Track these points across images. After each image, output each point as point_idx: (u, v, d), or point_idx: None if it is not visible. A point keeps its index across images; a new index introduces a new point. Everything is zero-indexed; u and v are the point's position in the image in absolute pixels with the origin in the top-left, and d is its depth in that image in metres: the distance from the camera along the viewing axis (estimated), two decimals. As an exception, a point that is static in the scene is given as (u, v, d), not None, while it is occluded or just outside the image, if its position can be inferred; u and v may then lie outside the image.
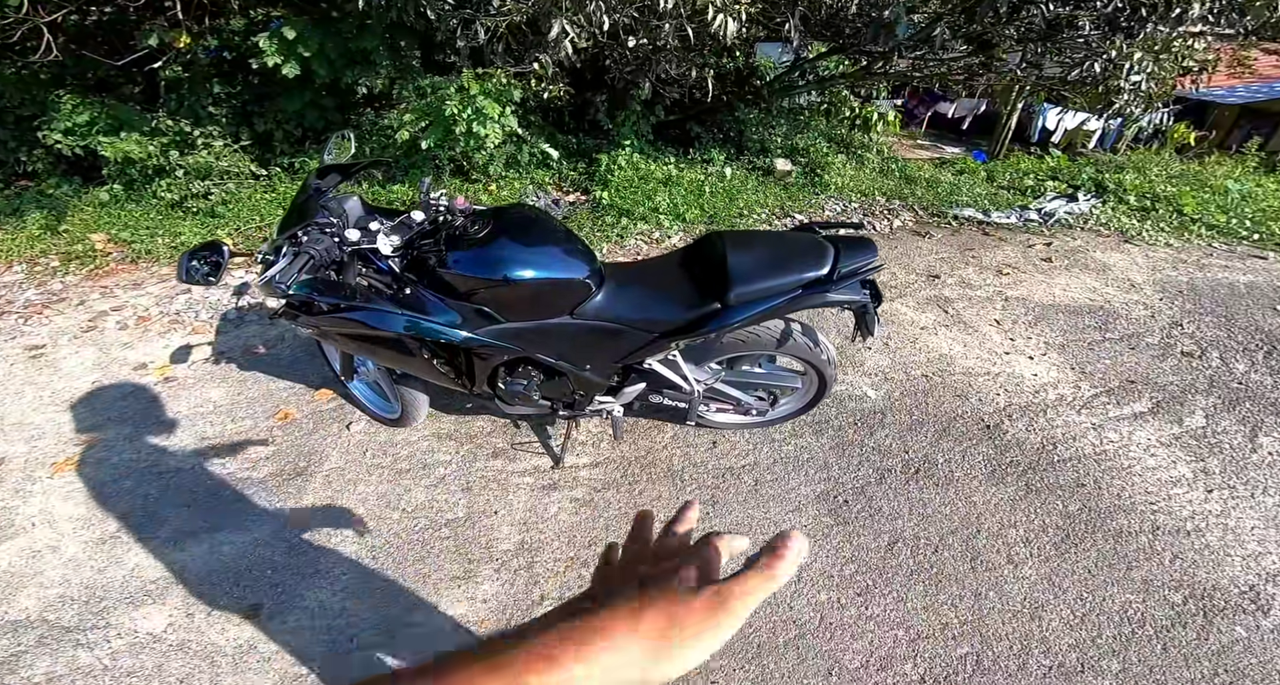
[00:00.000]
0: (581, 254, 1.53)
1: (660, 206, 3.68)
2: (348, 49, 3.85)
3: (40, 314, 3.10)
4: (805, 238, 1.62)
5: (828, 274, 1.51)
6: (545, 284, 1.46)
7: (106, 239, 3.99)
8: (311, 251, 1.26)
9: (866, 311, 1.60)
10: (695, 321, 1.55)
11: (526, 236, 1.47)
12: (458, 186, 4.16)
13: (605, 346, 1.62)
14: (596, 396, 1.88)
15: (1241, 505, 2.12)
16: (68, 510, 1.91)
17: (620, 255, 3.50)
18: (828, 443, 2.37)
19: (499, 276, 1.41)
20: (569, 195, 4.22)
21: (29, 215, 4.25)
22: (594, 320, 1.55)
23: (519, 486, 2.09)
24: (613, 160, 4.04)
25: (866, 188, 4.43)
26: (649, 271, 1.67)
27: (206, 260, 1.25)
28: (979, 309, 3.29)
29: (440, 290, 1.46)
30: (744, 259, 1.52)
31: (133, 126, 4.11)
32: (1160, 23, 3.18)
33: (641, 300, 1.57)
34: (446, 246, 1.43)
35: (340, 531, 1.90)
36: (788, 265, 1.51)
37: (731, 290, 1.49)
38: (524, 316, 1.52)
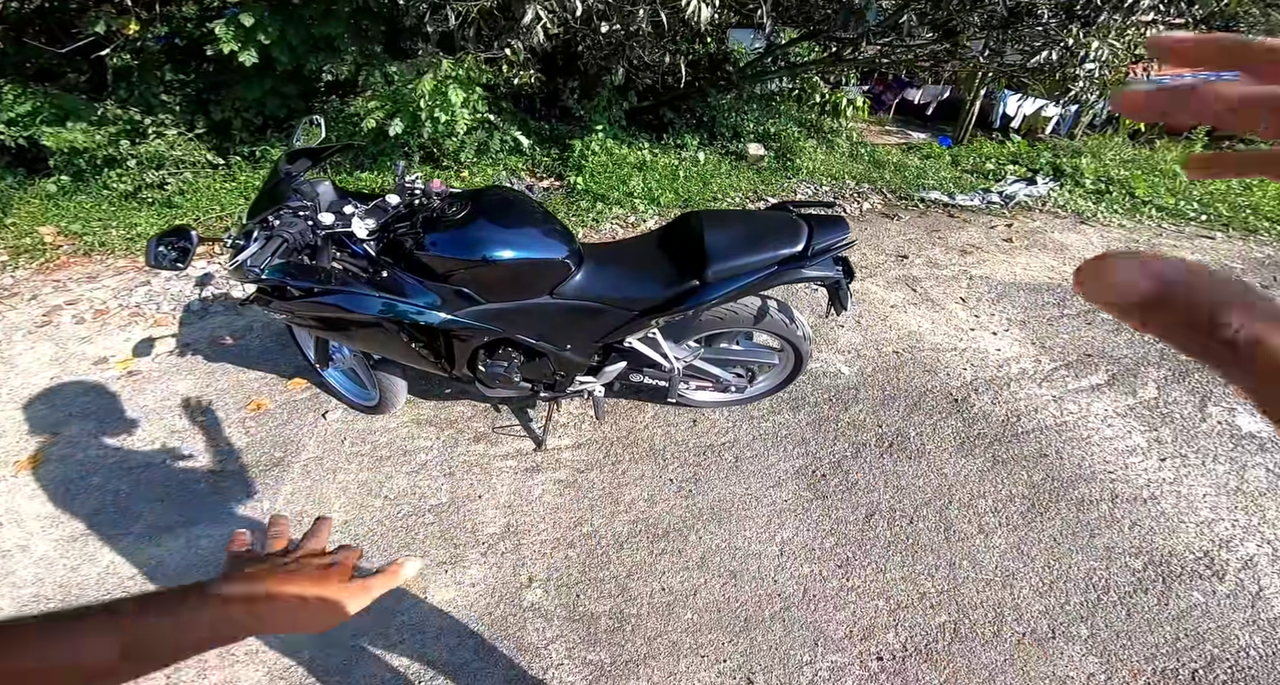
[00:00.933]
0: (560, 234, 1.54)
1: (635, 191, 3.68)
2: (310, 35, 3.73)
3: (-11, 309, 2.96)
4: (780, 216, 1.66)
5: (802, 251, 1.55)
6: (524, 264, 1.46)
7: (56, 232, 3.82)
8: (285, 235, 1.24)
9: (840, 287, 1.64)
10: (674, 299, 1.58)
11: (505, 217, 1.47)
12: (429, 174, 4.08)
13: (585, 326, 1.64)
14: (577, 377, 1.89)
15: (1193, 473, 2.22)
16: (35, 509, 1.84)
17: (596, 238, 3.50)
18: (804, 419, 2.43)
19: (478, 257, 1.40)
20: (543, 181, 4.18)
21: (-39, 209, 4.03)
22: (574, 299, 1.56)
23: (502, 470, 2.10)
24: (586, 146, 4.01)
25: (837, 171, 4.50)
26: (627, 251, 1.69)
27: (174, 245, 1.22)
28: (945, 287, 3.39)
29: (418, 273, 1.45)
30: (720, 237, 1.55)
31: (79, 116, 3.92)
32: (1114, 12, 3.29)
33: (621, 279, 1.59)
34: (424, 229, 1.42)
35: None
36: (763, 242, 1.55)
37: (709, 267, 1.52)
38: (504, 297, 1.52)
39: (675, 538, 1.90)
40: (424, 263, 1.43)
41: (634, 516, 1.98)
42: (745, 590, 1.76)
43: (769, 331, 1.88)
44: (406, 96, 3.62)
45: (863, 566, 1.84)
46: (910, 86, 7.52)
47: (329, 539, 0.58)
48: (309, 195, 1.36)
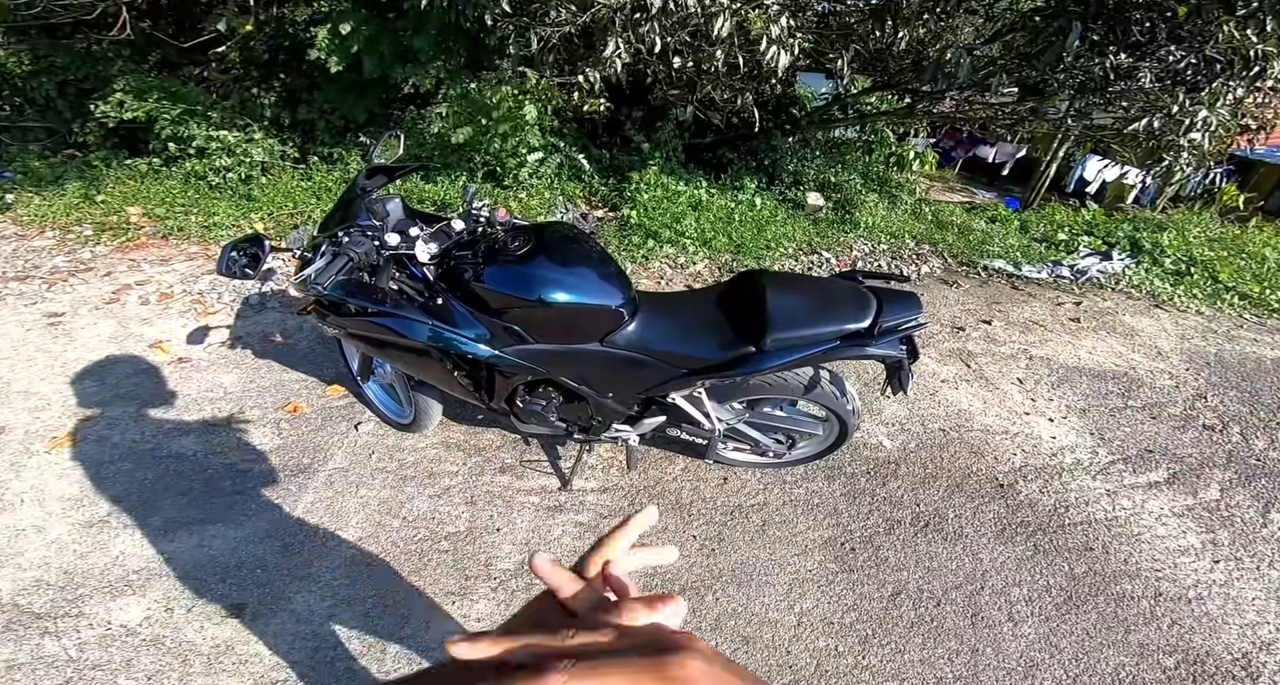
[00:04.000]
0: (618, 281, 1.50)
1: (687, 231, 3.66)
2: (400, 46, 3.90)
3: (65, 281, 3.12)
4: (848, 287, 1.58)
5: (869, 327, 1.47)
6: (579, 309, 1.42)
7: (142, 213, 4.04)
8: (351, 253, 1.24)
9: (901, 367, 1.55)
10: (727, 362, 1.51)
11: (565, 258, 1.44)
12: (488, 191, 4.17)
13: (631, 376, 1.59)
14: (614, 424, 1.84)
15: (1246, 576, 2.10)
16: (60, 489, 1.88)
17: (644, 277, 3.47)
18: (839, 489, 2.32)
19: (534, 297, 1.38)
20: (597, 210, 4.21)
21: (69, 184, 4.32)
22: (623, 350, 1.51)
23: (524, 506, 2.04)
24: (643, 178, 4.03)
25: (897, 229, 4.39)
26: (685, 305, 1.64)
27: (246, 252, 1.24)
28: (1002, 366, 3.22)
29: (472, 304, 1.43)
30: (784, 303, 1.48)
31: (186, 105, 4.17)
32: (1233, 80, 3.10)
33: (674, 334, 1.54)
34: (484, 260, 1.40)
35: (337, 534, 1.86)
36: (828, 314, 1.48)
37: (768, 335, 1.45)
38: (553, 339, 1.49)
39: (692, 596, 1.83)
40: (479, 294, 1.41)
41: (652, 569, 1.90)
42: (756, 658, 1.68)
43: (817, 401, 1.79)
44: (480, 104, 3.71)
45: (881, 645, 1.75)
46: (984, 143, 7.37)
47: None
48: (379, 214, 1.37)
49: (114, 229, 3.80)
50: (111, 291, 3.02)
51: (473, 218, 1.51)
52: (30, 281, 3.10)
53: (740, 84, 4.11)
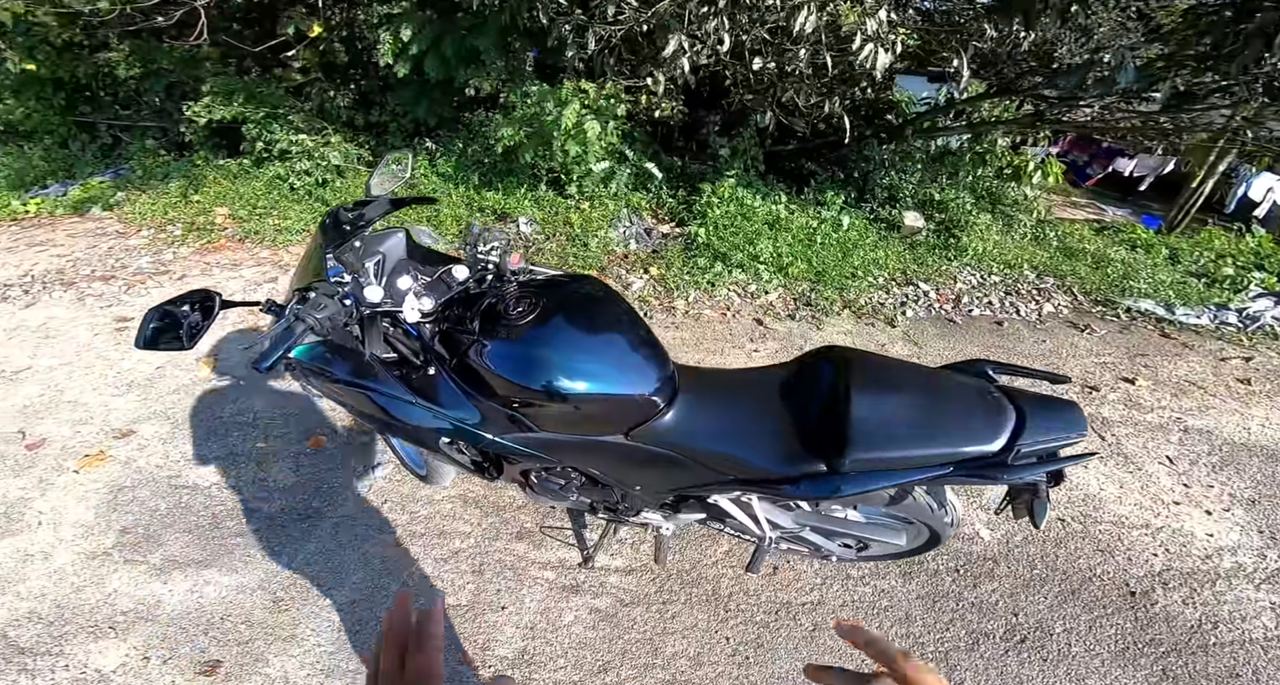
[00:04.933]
0: (651, 360, 1.18)
1: (762, 255, 3.26)
2: (462, 47, 3.79)
3: (143, 284, 3.24)
4: (971, 387, 1.14)
5: (1001, 450, 1.05)
6: (598, 400, 1.12)
7: (227, 214, 4.19)
8: (308, 320, 1.01)
9: (1037, 495, 1.11)
10: (788, 479, 1.14)
11: (584, 331, 1.14)
12: (550, 200, 3.98)
13: (662, 474, 1.27)
14: (645, 511, 1.53)
15: None
16: (77, 513, 1.84)
17: (708, 307, 3.12)
18: (915, 590, 1.89)
19: (538, 386, 1.09)
20: (663, 225, 3.90)
21: (173, 182, 4.60)
22: (653, 445, 1.19)
23: (536, 581, 1.79)
24: (715, 191, 3.67)
25: (1013, 257, 3.74)
26: (739, 390, 1.27)
27: (185, 314, 1.03)
28: (1148, 439, 2.59)
29: (467, 378, 1.17)
30: (876, 407, 1.08)
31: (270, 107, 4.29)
32: None
33: (721, 432, 1.19)
34: (481, 328, 1.13)
35: (332, 593, 1.69)
36: (941, 428, 1.06)
37: (849, 452, 1.06)
38: (565, 430, 1.20)
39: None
40: (474, 371, 1.14)
41: (671, 675, 1.59)
42: None
43: (906, 513, 1.39)
44: (543, 123, 3.53)
45: None
46: (1121, 155, 6.33)
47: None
48: (353, 265, 1.12)
49: (200, 229, 3.96)
50: (179, 296, 3.08)
51: (479, 263, 1.25)
52: (113, 282, 3.24)
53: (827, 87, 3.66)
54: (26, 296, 3.08)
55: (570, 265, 3.35)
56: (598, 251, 3.47)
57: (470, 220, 3.73)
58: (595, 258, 3.40)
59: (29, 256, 3.68)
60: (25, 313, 2.91)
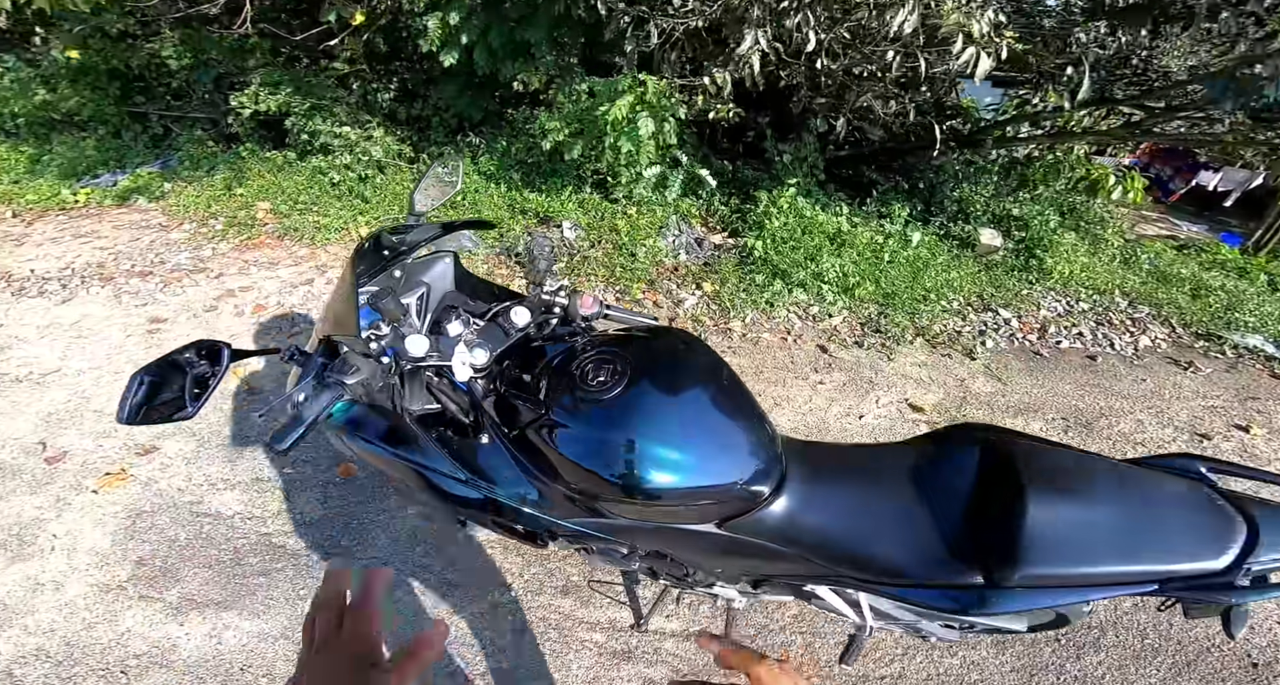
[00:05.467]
0: (758, 441, 0.94)
1: (826, 273, 3.00)
2: (511, 39, 3.61)
3: (179, 281, 3.15)
4: (1186, 489, 0.89)
5: (1227, 567, 0.81)
6: (692, 494, 0.90)
7: (269, 209, 4.11)
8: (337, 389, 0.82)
9: (1241, 605, 0.87)
10: (923, 584, 0.91)
11: (679, 409, 0.92)
12: (595, 204, 3.78)
13: (759, 563, 1.05)
14: (718, 585, 1.31)
15: None
16: (93, 539, 1.70)
17: (766, 329, 2.87)
18: (1010, 663, 1.67)
19: (620, 480, 0.87)
20: (715, 235, 3.67)
21: (218, 174, 4.55)
22: (753, 537, 0.96)
23: (584, 644, 1.59)
24: (773, 201, 3.42)
25: (1103, 283, 3.39)
26: (861, 473, 1.02)
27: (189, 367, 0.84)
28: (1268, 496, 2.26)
29: (528, 451, 0.96)
30: (1058, 511, 0.84)
31: (314, 99, 4.20)
32: None
33: (839, 525, 0.96)
34: (549, 395, 0.92)
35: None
36: (1149, 539, 0.82)
37: (1020, 567, 0.82)
38: (644, 518, 0.98)
39: None
40: (539, 451, 0.93)
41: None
42: None
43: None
44: (593, 119, 3.34)
45: None
46: (1205, 168, 5.85)
47: None
48: (391, 313, 0.93)
49: (241, 224, 3.87)
50: (214, 298, 2.99)
51: (541, 304, 1.04)
52: (150, 279, 3.16)
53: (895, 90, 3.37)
54: (64, 291, 3.02)
55: (617, 277, 3.14)
56: (646, 262, 3.26)
57: (528, 231, 3.54)
58: (643, 269, 3.19)
59: (72, 248, 3.65)
60: (61, 309, 2.84)
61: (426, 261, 1.14)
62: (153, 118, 5.47)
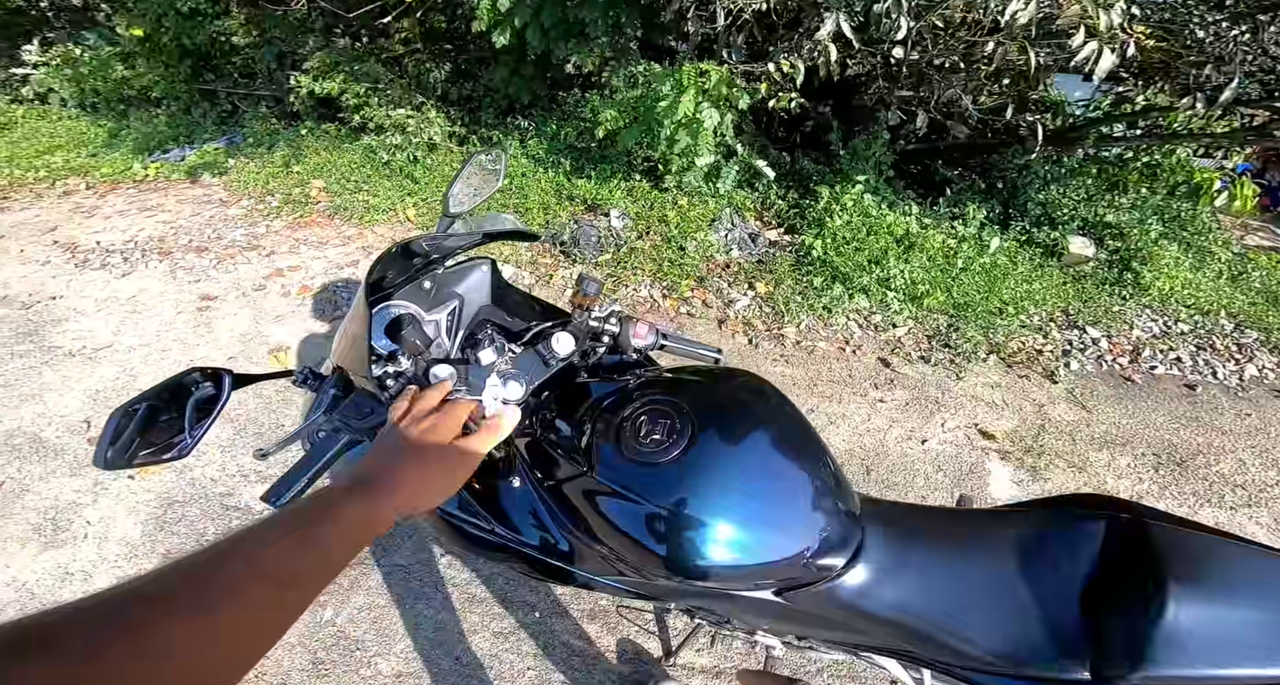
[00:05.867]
0: (833, 509, 0.79)
1: (892, 279, 2.75)
2: (564, 18, 3.46)
3: (232, 259, 3.19)
4: None
5: None
6: (752, 573, 0.76)
7: (322, 187, 4.14)
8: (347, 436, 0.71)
9: None
10: (1018, 676, 0.75)
11: (746, 474, 0.76)
12: (644, 191, 3.63)
13: (817, 631, 0.90)
14: (760, 632, 1.17)
15: None
16: (125, 528, 1.70)
17: (823, 337, 2.66)
18: None
19: (668, 555, 0.73)
20: (770, 231, 3.46)
21: (279, 152, 4.63)
22: (815, 609, 0.82)
23: (608, 675, 1.48)
24: (836, 197, 3.18)
25: (1207, 302, 3.00)
26: (952, 542, 0.85)
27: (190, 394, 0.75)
28: None
29: (564, 505, 0.83)
30: (1197, 604, 0.68)
31: (369, 81, 4.18)
32: None
33: (922, 605, 0.80)
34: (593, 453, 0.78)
35: (375, 662, 1.46)
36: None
37: (1139, 665, 0.66)
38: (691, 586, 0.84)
39: None
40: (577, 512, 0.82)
41: None
42: None
43: None
44: (648, 106, 3.17)
45: None
46: (1332, 175, 5.19)
47: None
48: (413, 346, 0.81)
49: (296, 202, 3.91)
50: (264, 276, 3.00)
51: (588, 330, 0.90)
52: (205, 255, 3.21)
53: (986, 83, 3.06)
54: (125, 265, 3.10)
55: (664, 272, 2.99)
56: (695, 257, 3.10)
57: (574, 218, 3.42)
58: (693, 265, 3.02)
59: (138, 222, 3.76)
60: (120, 283, 2.91)
61: (461, 270, 1.02)
62: (221, 95, 5.61)
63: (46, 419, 2.00)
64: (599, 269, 3.10)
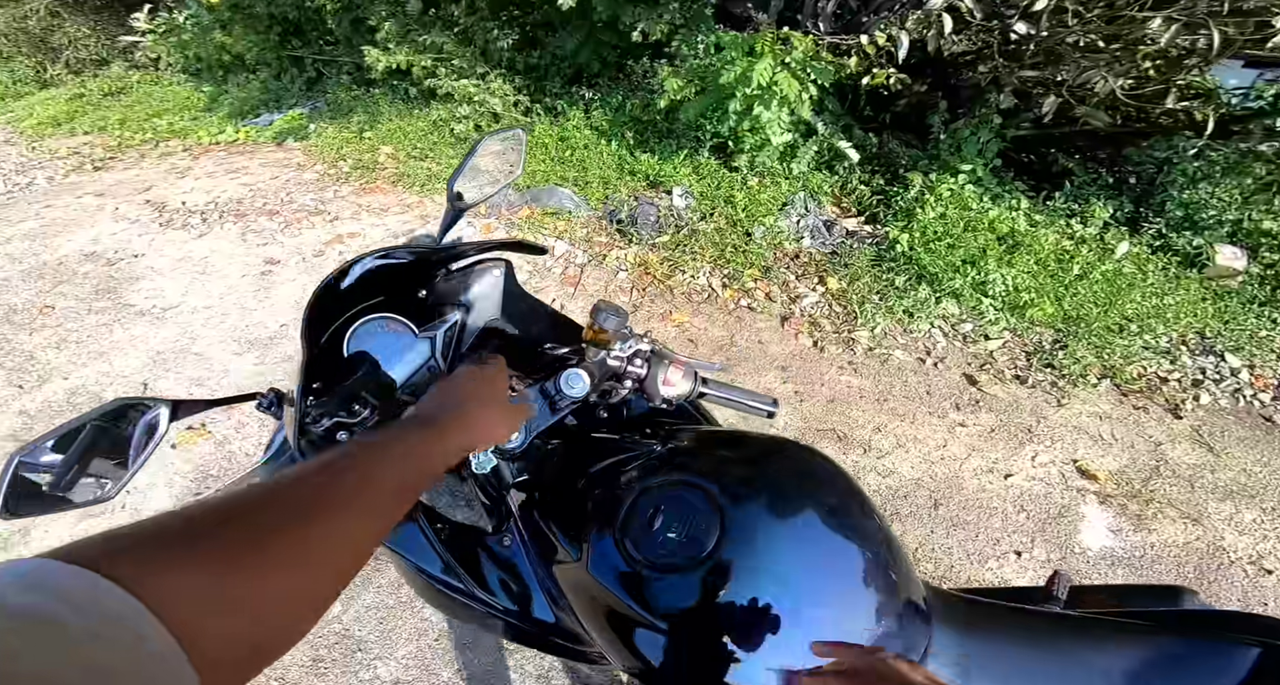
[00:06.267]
0: (893, 610, 0.59)
1: (990, 283, 2.38)
2: (634, -21, 3.23)
3: (298, 223, 3.24)
4: None
5: None
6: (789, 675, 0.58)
7: (391, 153, 4.18)
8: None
9: None
10: None
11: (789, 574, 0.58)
12: (712, 169, 3.38)
13: None
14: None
15: None
16: (159, 502, 1.73)
17: (900, 345, 2.36)
18: None
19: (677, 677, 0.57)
20: (848, 219, 3.12)
21: (355, 118, 4.73)
22: None
23: (618, 708, 1.36)
24: (932, 186, 2.81)
25: (1394, 335, 2.44)
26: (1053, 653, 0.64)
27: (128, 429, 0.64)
28: None
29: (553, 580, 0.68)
30: None
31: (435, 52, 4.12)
32: None
33: None
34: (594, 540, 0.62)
35: (374, 666, 1.40)
36: None
37: None
38: None
39: None
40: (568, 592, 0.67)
41: None
42: None
43: None
44: (718, 78, 2.89)
45: None
46: None
47: None
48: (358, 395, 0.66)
49: (364, 168, 3.96)
50: (325, 242, 3.03)
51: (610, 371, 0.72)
52: (275, 218, 3.29)
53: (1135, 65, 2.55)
54: (203, 226, 3.22)
55: (727, 258, 2.76)
56: (762, 244, 2.84)
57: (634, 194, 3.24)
58: (759, 252, 2.77)
59: (222, 183, 3.92)
60: (196, 243, 3.02)
61: (469, 274, 0.86)
62: (307, 62, 5.76)
63: (110, 378, 2.08)
64: (656, 251, 2.90)
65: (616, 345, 0.70)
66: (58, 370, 2.11)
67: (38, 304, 2.53)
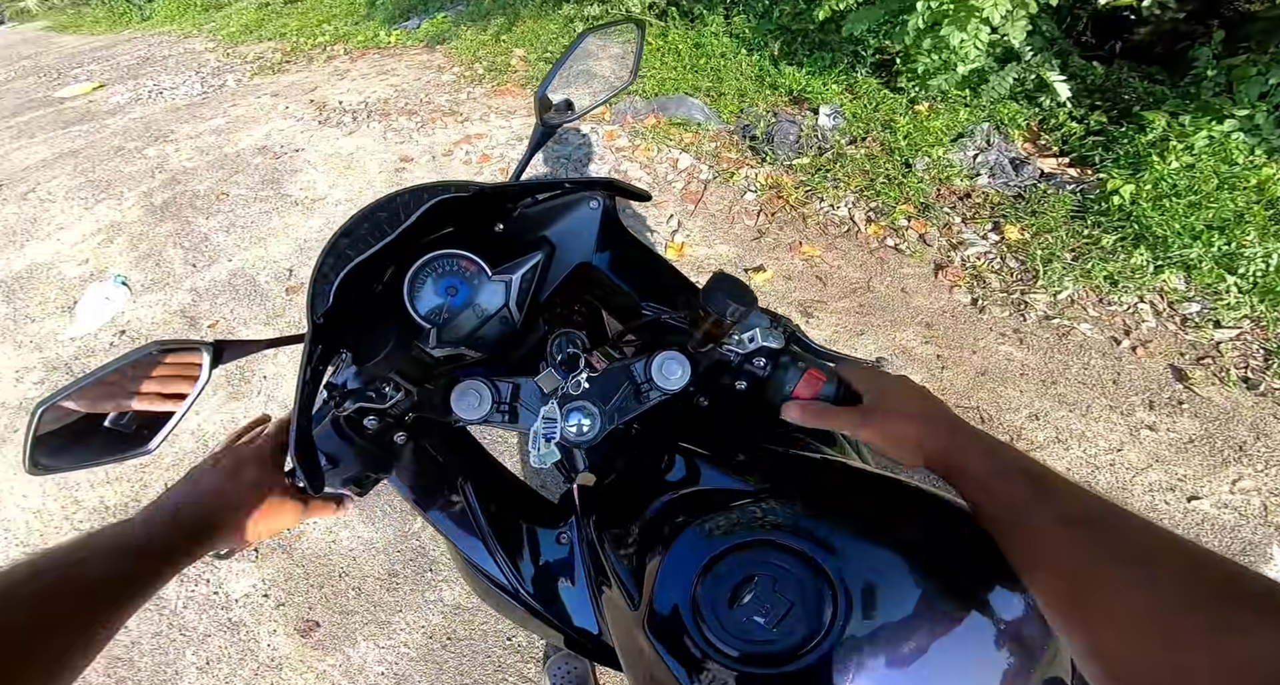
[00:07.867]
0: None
1: (1240, 256, 1.80)
2: None
3: (432, 123, 3.28)
4: None
5: None
6: None
7: (523, 56, 4.09)
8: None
9: None
10: None
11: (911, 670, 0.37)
12: (872, 89, 2.89)
13: None
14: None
15: None
16: (285, 393, 1.83)
17: (1089, 317, 1.89)
18: None
19: None
20: (1048, 159, 2.52)
21: (494, 20, 4.68)
22: None
23: None
24: (1181, 131, 2.15)
25: None
26: None
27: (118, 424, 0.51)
28: None
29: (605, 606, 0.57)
30: None
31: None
32: None
33: None
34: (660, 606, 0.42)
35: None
36: None
37: None
38: None
39: None
40: None
41: None
42: None
43: None
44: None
45: None
46: None
47: None
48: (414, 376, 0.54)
49: (497, 70, 3.91)
50: (454, 142, 3.04)
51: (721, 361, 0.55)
52: (414, 117, 3.35)
53: None
54: (353, 123, 3.37)
55: (876, 190, 2.37)
56: (924, 178, 2.40)
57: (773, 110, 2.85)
58: (917, 187, 2.35)
59: (373, 84, 4.07)
60: (345, 140, 3.18)
61: (559, 205, 0.66)
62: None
63: (264, 263, 2.27)
64: (792, 174, 2.56)
65: (735, 334, 0.53)
66: (224, 252, 2.35)
67: (216, 191, 2.82)
